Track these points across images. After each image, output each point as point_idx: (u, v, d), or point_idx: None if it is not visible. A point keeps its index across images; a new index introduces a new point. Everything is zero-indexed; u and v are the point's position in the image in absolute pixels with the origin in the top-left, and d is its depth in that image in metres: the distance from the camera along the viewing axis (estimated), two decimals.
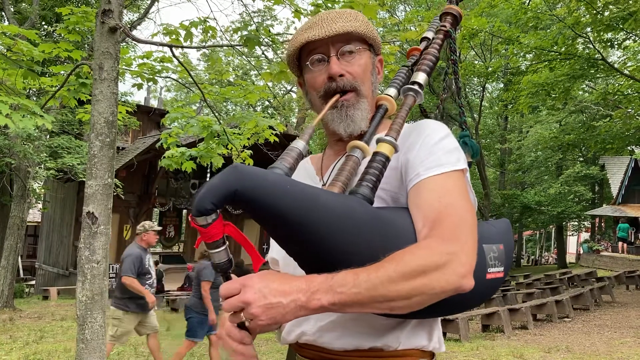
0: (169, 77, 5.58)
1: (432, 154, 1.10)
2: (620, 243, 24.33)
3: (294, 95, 29.64)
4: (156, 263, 15.73)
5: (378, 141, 1.14)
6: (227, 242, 1.01)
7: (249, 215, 0.99)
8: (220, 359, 6.16)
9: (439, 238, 0.98)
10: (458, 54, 1.42)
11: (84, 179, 3.51)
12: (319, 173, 1.31)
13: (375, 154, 1.11)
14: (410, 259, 0.94)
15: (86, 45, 13.25)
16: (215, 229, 0.97)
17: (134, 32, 16.10)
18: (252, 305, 0.92)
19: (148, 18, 16.84)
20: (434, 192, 1.05)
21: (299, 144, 1.11)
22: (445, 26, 1.38)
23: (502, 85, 25.74)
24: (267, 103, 29.57)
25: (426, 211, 1.03)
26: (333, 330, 1.13)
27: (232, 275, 1.00)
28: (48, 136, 14.58)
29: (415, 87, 1.25)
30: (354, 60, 1.21)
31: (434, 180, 1.06)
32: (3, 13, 13.39)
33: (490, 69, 19.28)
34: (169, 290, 15.45)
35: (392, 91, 1.30)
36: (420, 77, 1.28)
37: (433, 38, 1.40)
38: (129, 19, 17.70)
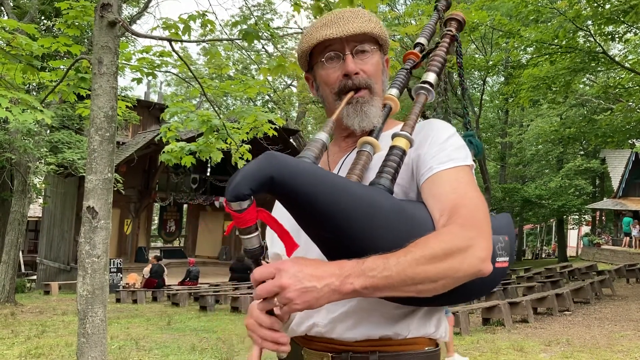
0: (169, 72, 5.58)
1: (442, 149, 1.16)
2: (626, 238, 24.20)
3: (294, 90, 29.58)
4: (157, 259, 15.75)
5: (394, 136, 1.19)
6: (259, 229, 1.01)
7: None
8: (452, 339, 6.31)
9: (458, 225, 1.02)
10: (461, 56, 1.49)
11: (84, 174, 3.50)
12: (327, 168, 1.32)
13: (393, 147, 1.17)
14: (436, 244, 0.98)
15: (85, 40, 13.23)
16: (249, 215, 0.98)
17: (134, 27, 16.05)
18: (288, 290, 0.93)
19: (147, 12, 16.79)
20: (448, 183, 1.11)
21: (322, 135, 1.18)
22: (451, 30, 1.46)
23: (502, 78, 25.69)
24: (267, 97, 29.52)
25: (443, 201, 1.09)
26: (345, 320, 1.16)
27: (263, 262, 1.02)
28: (48, 131, 14.57)
29: (427, 85, 1.32)
30: (367, 59, 1.26)
31: (447, 173, 1.13)
32: (2, 7, 13.36)
33: (490, 62, 19.23)
34: (170, 285, 15.47)
35: (395, 91, 1.35)
36: (431, 76, 1.34)
37: (438, 42, 1.46)
38: (129, 13, 17.66)
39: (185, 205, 23.56)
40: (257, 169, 0.97)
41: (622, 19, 12.80)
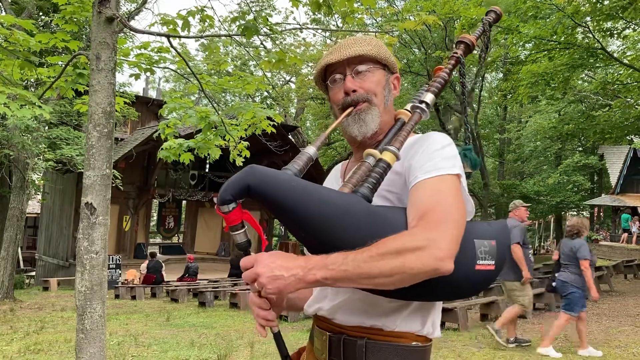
0: (167, 68, 5.54)
1: (430, 160, 1.26)
2: (624, 234, 24.18)
3: (293, 86, 29.54)
4: (152, 255, 15.73)
5: (382, 150, 1.32)
6: (245, 227, 1.25)
7: (257, 208, 1.17)
8: (585, 334, 6.42)
9: (422, 227, 1.14)
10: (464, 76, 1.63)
11: (82, 170, 3.50)
12: (342, 176, 1.54)
13: (379, 160, 1.30)
14: (392, 243, 1.11)
15: (83, 36, 13.19)
16: (234, 216, 1.21)
17: (132, 23, 15.99)
18: (261, 276, 1.13)
19: (146, 8, 16.73)
20: (427, 191, 1.22)
21: (310, 150, 1.33)
22: (457, 53, 1.57)
23: (501, 75, 25.67)
24: (265, 93, 29.48)
25: (417, 207, 1.20)
26: (343, 308, 1.33)
27: (251, 252, 1.23)
28: (47, 127, 14.54)
29: (423, 105, 1.44)
30: (366, 77, 1.41)
31: (428, 182, 1.23)
32: (0, 3, 13.31)
33: (489, 58, 19.21)
34: (168, 281, 15.48)
35: (431, 96, 1.47)
36: (428, 97, 1.46)
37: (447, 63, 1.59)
38: (127, 9, 17.60)
39: (184, 202, 23.56)
40: (238, 179, 1.18)
41: (620, 15, 12.79)
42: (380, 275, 1.10)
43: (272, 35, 4.84)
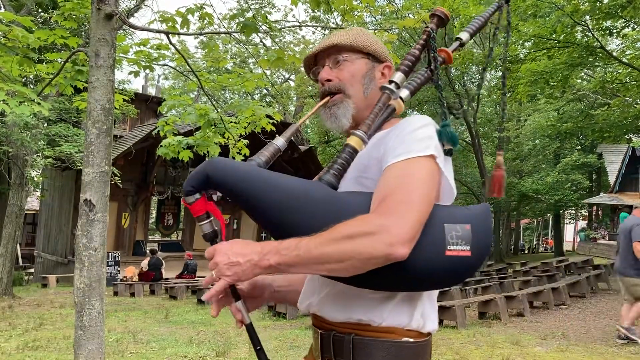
0: (167, 65, 5.55)
1: (402, 143, 1.22)
2: None
3: (292, 84, 29.52)
4: (152, 252, 15.73)
5: (350, 135, 1.31)
6: (211, 217, 1.30)
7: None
8: None
9: (377, 212, 1.13)
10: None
11: (81, 167, 3.50)
12: None
13: (345, 145, 1.29)
14: (343, 228, 1.11)
15: (83, 33, 13.17)
16: (198, 206, 1.27)
17: (131, 20, 15.97)
18: (219, 264, 1.18)
19: (145, 5, 16.69)
20: (393, 175, 1.18)
21: (278, 141, 1.35)
22: (427, 26, 1.50)
23: (500, 73, 25.64)
24: (265, 91, 29.46)
25: (381, 191, 1.17)
26: (330, 302, 1.30)
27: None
28: (45, 124, 14.53)
29: (392, 86, 1.39)
30: (343, 67, 1.42)
31: (397, 166, 1.19)
32: None
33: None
34: (167, 278, 15.48)
35: (404, 93, 1.41)
36: (397, 76, 1.41)
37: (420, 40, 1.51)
38: (126, 5, 17.56)
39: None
40: (198, 170, 1.23)
41: (620, 14, 12.80)
42: (331, 260, 1.10)
43: (272, 33, 4.83)
